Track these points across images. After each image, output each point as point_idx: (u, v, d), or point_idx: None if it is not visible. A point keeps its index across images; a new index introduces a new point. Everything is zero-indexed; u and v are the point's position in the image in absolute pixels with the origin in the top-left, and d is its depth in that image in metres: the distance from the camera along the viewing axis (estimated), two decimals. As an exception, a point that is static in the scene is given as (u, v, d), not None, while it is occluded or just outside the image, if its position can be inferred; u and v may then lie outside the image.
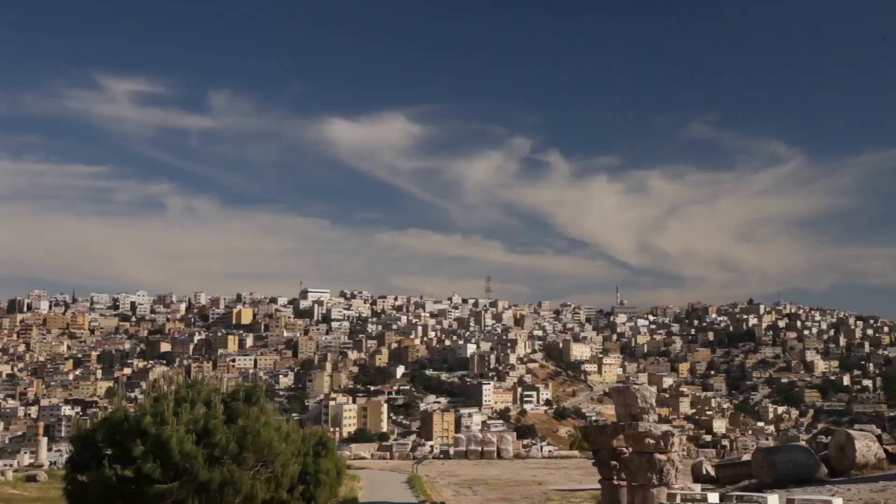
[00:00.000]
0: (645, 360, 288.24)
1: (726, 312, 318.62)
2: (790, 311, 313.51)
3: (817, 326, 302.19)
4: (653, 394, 21.67)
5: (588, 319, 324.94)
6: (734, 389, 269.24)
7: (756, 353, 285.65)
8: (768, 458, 24.10)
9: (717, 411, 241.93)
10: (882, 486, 20.62)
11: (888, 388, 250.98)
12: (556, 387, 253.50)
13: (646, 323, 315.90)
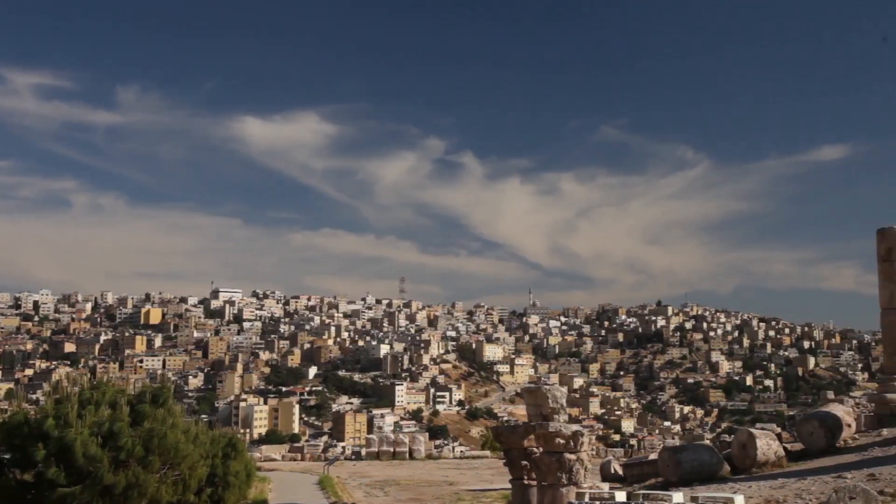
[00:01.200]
0: (556, 360, 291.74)
1: (636, 314, 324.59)
2: (697, 313, 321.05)
3: (722, 328, 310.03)
4: (563, 394, 21.94)
5: (501, 320, 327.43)
6: (642, 389, 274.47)
7: (664, 353, 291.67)
8: (674, 456, 24.60)
9: (626, 411, 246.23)
10: (781, 483, 21.22)
11: (788, 388, 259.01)
12: (469, 387, 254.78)
13: (557, 324, 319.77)
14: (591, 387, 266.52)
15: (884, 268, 30.07)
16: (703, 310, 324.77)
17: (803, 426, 26.88)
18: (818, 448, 25.54)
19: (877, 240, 30.36)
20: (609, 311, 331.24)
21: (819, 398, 43.53)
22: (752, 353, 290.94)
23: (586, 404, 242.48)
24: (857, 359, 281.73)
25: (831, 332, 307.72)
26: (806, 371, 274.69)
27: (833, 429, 25.93)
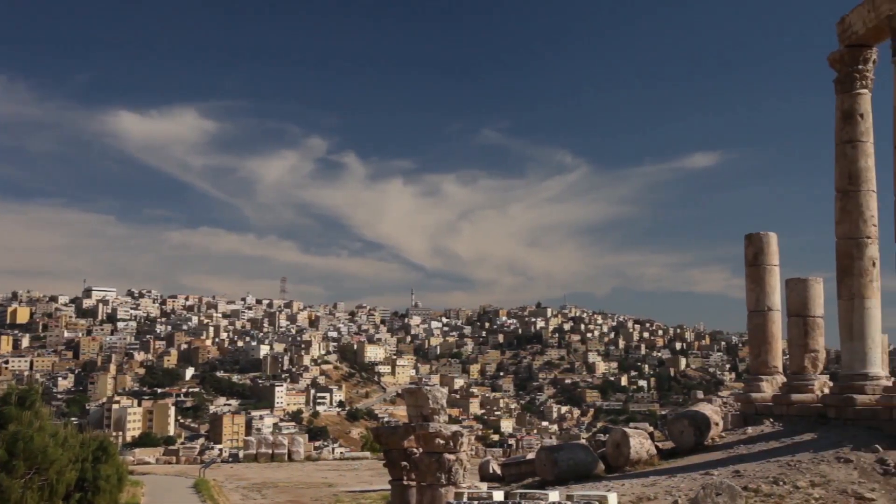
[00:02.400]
0: (438, 361, 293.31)
1: (516, 315, 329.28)
2: (575, 315, 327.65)
3: (599, 329, 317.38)
4: (444, 395, 22.07)
5: (383, 321, 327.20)
6: (522, 390, 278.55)
7: (543, 354, 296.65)
8: (551, 456, 25.02)
9: (506, 411, 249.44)
10: (652, 481, 21.83)
11: (661, 388, 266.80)
12: (350, 388, 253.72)
13: (439, 325, 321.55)
14: (472, 387, 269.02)
15: (751, 272, 31.30)
16: (581, 312, 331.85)
17: (674, 425, 27.71)
18: (688, 446, 26.37)
19: (745, 245, 31.58)
20: (490, 312, 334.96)
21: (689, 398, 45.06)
22: (627, 354, 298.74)
23: (466, 405, 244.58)
24: (725, 359, 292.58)
25: (702, 334, 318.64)
26: (678, 371, 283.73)
27: (702, 427, 26.82)
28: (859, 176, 26.54)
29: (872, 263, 26.28)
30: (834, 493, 19.87)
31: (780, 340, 31.62)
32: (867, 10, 25.50)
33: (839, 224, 26.75)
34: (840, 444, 22.47)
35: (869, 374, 25.80)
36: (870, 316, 26.14)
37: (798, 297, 29.55)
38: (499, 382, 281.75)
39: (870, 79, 27.13)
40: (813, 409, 27.04)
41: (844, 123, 26.98)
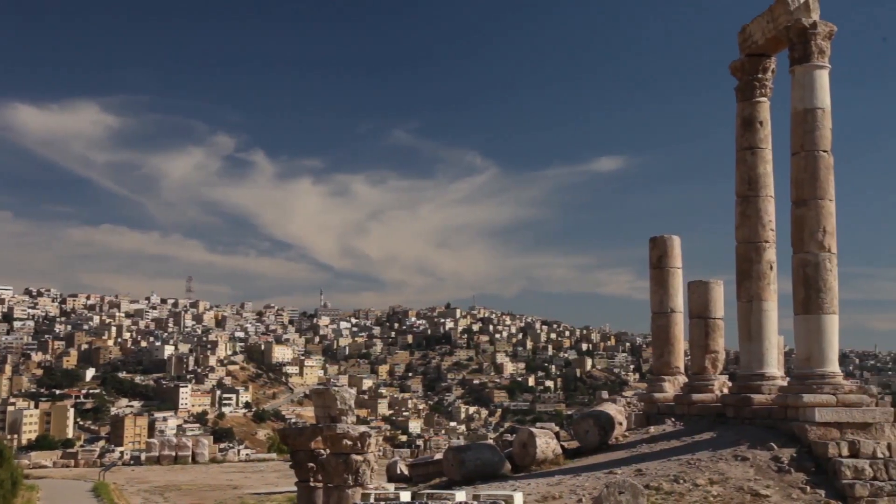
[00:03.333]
0: (346, 362, 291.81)
1: (425, 316, 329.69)
2: (483, 316, 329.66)
3: (507, 330, 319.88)
4: (352, 395, 21.99)
5: (291, 321, 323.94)
6: (430, 391, 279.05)
7: (452, 355, 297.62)
8: (458, 456, 25.13)
9: (414, 412, 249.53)
10: (558, 480, 22.12)
11: (567, 389, 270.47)
12: (257, 389, 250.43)
13: (348, 325, 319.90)
14: (380, 388, 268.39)
15: (655, 274, 31.99)
16: (489, 313, 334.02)
17: (579, 425, 28.14)
18: (593, 445, 26.80)
19: (649, 248, 32.27)
20: (399, 312, 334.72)
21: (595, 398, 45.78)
22: (534, 354, 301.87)
23: (375, 405, 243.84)
24: (629, 360, 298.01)
25: (607, 335, 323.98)
26: (584, 372, 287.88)
27: (606, 427, 27.28)
28: (758, 182, 27.37)
29: (770, 267, 27.13)
30: (731, 491, 20.44)
31: (682, 341, 32.40)
32: (766, 21, 26.31)
33: (739, 228, 27.55)
34: (738, 443, 23.12)
35: (765, 375, 26.63)
36: (767, 318, 26.98)
37: (699, 299, 30.32)
38: (407, 383, 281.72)
39: (769, 87, 28.02)
40: (713, 408, 27.77)
41: (744, 130, 27.80)
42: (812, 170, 24.10)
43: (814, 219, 23.92)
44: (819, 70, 24.52)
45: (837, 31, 24.72)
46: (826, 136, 24.33)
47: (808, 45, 24.43)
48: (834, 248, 24.01)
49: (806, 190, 24.10)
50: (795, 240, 24.31)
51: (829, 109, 24.47)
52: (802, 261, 24.01)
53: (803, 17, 24.70)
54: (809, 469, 21.51)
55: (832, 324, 23.77)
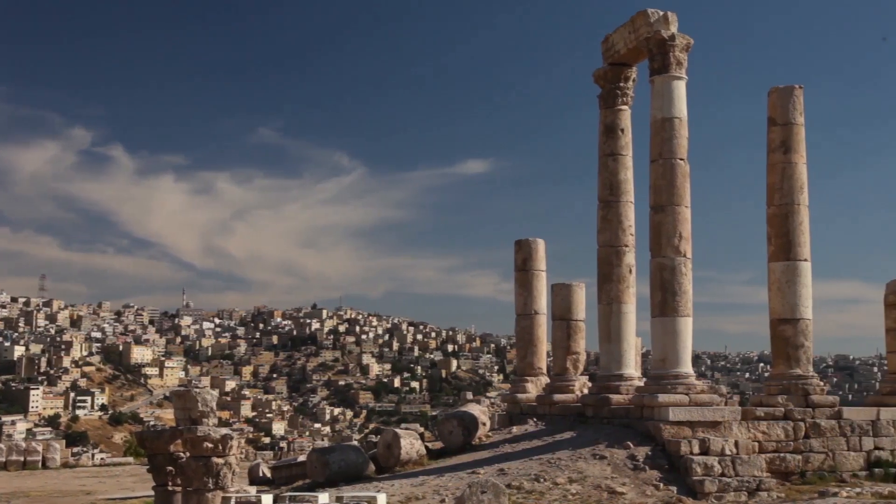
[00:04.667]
0: (209, 363, 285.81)
1: (291, 317, 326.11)
2: (350, 317, 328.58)
3: (374, 331, 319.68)
4: (214, 397, 21.51)
5: (152, 321, 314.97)
6: (295, 392, 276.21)
7: (317, 356, 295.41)
8: (322, 457, 24.95)
9: (278, 413, 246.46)
10: (421, 481, 22.21)
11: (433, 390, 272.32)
12: (114, 391, 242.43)
13: (211, 326, 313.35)
14: (244, 389, 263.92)
15: (520, 276, 32.55)
16: (356, 313, 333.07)
17: (444, 425, 28.33)
18: (457, 446, 27.02)
19: (514, 250, 32.81)
20: (264, 313, 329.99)
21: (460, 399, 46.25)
22: (400, 355, 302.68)
23: (238, 407, 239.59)
24: (494, 361, 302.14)
25: (472, 337, 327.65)
26: (449, 373, 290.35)
27: (470, 427, 27.55)
28: (619, 187, 28.19)
29: (629, 270, 27.98)
30: (589, 489, 20.96)
31: (546, 343, 33.07)
32: (628, 31, 27.13)
33: (601, 232, 28.30)
34: (596, 442, 23.72)
35: (624, 375, 27.43)
36: (626, 320, 27.81)
37: (562, 301, 31.03)
38: (272, 384, 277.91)
39: (630, 96, 28.90)
40: (573, 408, 28.44)
41: (607, 137, 28.58)
42: (670, 177, 24.98)
43: (671, 224, 24.78)
44: (677, 81, 25.44)
45: (694, 44, 25.73)
46: (683, 144, 25.26)
47: (666, 57, 25.31)
48: (689, 253, 24.94)
49: (664, 196, 24.96)
50: (653, 244, 25.14)
51: (686, 119, 25.43)
52: (660, 265, 24.85)
53: (663, 29, 25.57)
54: (663, 466, 22.25)
55: (686, 326, 24.67)
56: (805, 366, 25.68)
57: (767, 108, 26.81)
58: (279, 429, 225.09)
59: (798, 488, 22.61)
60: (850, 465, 24.29)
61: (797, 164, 26.20)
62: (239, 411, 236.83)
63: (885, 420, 25.34)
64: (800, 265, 25.90)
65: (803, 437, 24.32)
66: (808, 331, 25.83)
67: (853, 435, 24.79)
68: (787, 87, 26.47)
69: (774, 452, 23.75)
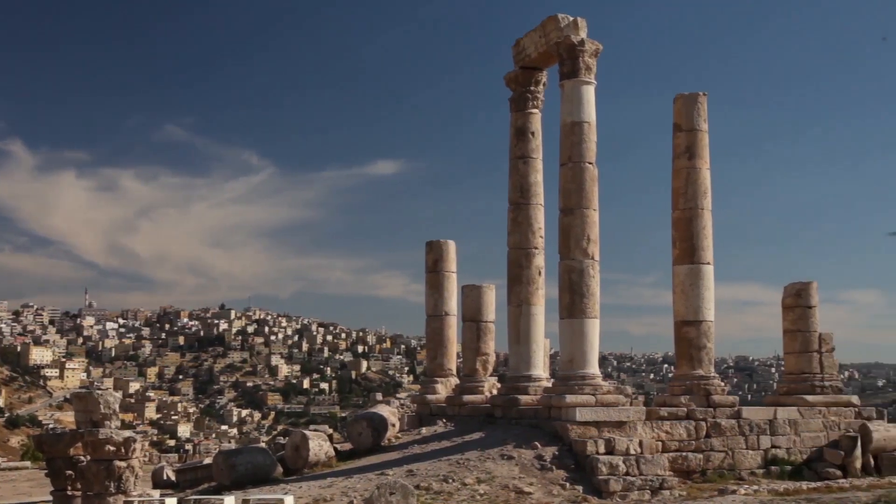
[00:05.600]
0: (112, 364, 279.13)
1: (198, 317, 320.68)
2: (259, 317, 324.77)
3: (283, 332, 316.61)
4: (117, 399, 21.06)
5: (52, 321, 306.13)
6: (201, 393, 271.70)
7: (225, 357, 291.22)
8: (228, 460, 24.60)
9: (184, 415, 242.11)
10: (330, 483, 22.10)
11: (342, 391, 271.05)
12: (11, 393, 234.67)
13: (115, 326, 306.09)
14: (148, 391, 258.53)
15: (430, 278, 32.61)
16: (265, 314, 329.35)
17: (353, 427, 28.23)
18: (366, 447, 26.95)
19: (426, 251, 32.86)
20: (171, 313, 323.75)
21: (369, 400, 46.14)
22: (310, 356, 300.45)
23: (142, 409, 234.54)
24: (404, 362, 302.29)
25: (383, 338, 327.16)
26: (359, 374, 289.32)
27: (379, 428, 27.51)
28: (529, 190, 28.50)
29: (539, 272, 28.30)
30: (497, 489, 21.13)
31: (456, 344, 33.19)
32: (539, 35, 27.44)
33: (511, 235, 28.57)
34: (505, 442, 23.91)
35: (532, 376, 27.73)
36: (535, 322, 28.12)
37: (472, 302, 31.21)
38: (177, 386, 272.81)
39: (540, 99, 29.23)
40: (482, 409, 28.61)
41: (517, 140, 28.86)
42: (579, 180, 25.36)
43: (579, 227, 25.15)
44: (586, 85, 25.84)
45: (604, 50, 26.18)
46: (591, 148, 25.67)
47: (576, 62, 25.68)
48: (597, 256, 25.35)
49: (573, 199, 25.32)
50: (562, 247, 25.48)
51: (595, 123, 25.85)
52: (568, 267, 25.19)
53: (572, 34, 25.93)
54: (570, 466, 22.55)
55: (594, 328, 25.07)
56: (707, 367, 26.36)
57: (673, 114, 27.47)
58: (185, 431, 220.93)
59: (699, 486, 23.18)
60: (749, 463, 25.03)
61: (701, 170, 26.89)
62: (143, 413, 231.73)
63: (781, 419, 26.21)
64: (703, 268, 26.59)
65: (705, 437, 24.94)
66: (710, 332, 26.53)
67: (752, 434, 25.56)
68: (691, 94, 27.16)
69: (677, 451, 24.30)
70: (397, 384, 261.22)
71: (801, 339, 28.67)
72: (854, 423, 27.06)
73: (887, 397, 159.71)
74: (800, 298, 28.81)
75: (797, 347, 28.72)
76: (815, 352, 28.50)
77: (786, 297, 29.20)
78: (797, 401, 27.45)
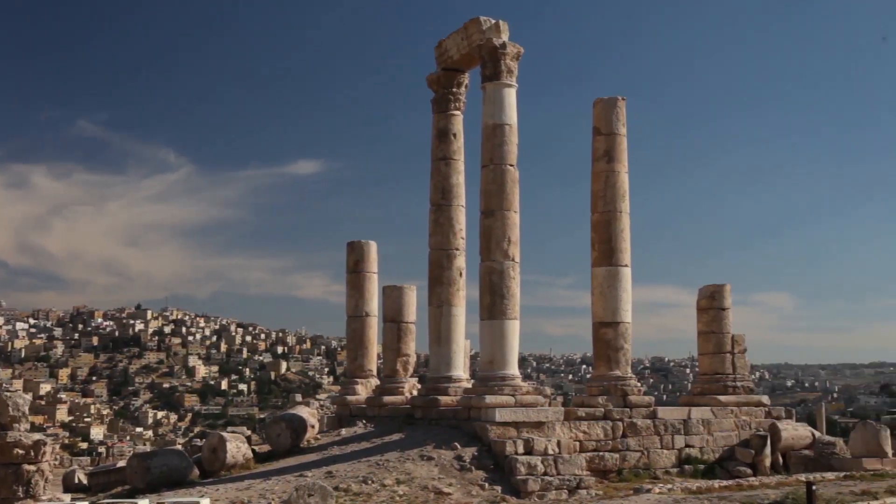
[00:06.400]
0: (22, 365, 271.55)
1: (113, 317, 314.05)
2: (176, 317, 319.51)
3: (201, 332, 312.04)
4: (26, 401, 20.51)
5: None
6: (116, 395, 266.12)
7: (141, 358, 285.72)
8: (143, 463, 24.15)
9: (97, 418, 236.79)
10: (247, 485, 21.87)
11: (261, 392, 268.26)
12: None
13: (25, 326, 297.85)
14: (60, 393, 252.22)
15: (351, 278, 32.50)
16: (183, 314, 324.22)
17: (272, 428, 27.97)
18: (284, 448, 26.73)
19: (347, 252, 32.74)
20: (84, 313, 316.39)
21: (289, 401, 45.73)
22: (228, 357, 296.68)
23: (53, 411, 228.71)
24: (324, 363, 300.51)
25: (303, 339, 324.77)
26: (278, 375, 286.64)
27: (298, 430, 27.31)
28: (451, 191, 28.61)
29: (460, 273, 28.42)
30: (416, 489, 21.15)
31: (376, 345, 33.15)
32: (461, 37, 27.56)
33: (432, 236, 28.64)
34: (424, 443, 23.95)
35: (452, 377, 27.84)
36: (456, 322, 28.24)
37: (393, 303, 31.19)
38: (91, 387, 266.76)
39: (462, 101, 29.38)
40: (402, 410, 28.62)
41: (439, 141, 28.95)
42: (500, 182, 25.54)
43: (500, 229, 25.33)
44: (508, 88, 26.04)
45: (526, 53, 26.44)
46: (512, 150, 25.87)
47: (498, 64, 25.87)
48: (517, 258, 25.57)
49: (493, 201, 25.49)
50: (483, 248, 25.63)
51: (516, 125, 26.07)
52: (489, 268, 25.35)
53: (494, 37, 26.11)
54: (489, 466, 22.69)
55: (513, 329, 25.27)
56: (624, 367, 26.81)
57: (593, 118, 27.86)
58: (98, 434, 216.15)
59: (615, 486, 23.56)
60: (664, 462, 25.56)
61: (619, 173, 27.35)
62: (54, 416, 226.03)
63: (695, 419, 26.82)
64: (621, 270, 27.03)
65: (621, 437, 25.40)
66: (627, 334, 26.98)
67: (667, 434, 26.11)
68: (610, 98, 27.61)
69: (594, 451, 24.68)
70: (317, 385, 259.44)
71: (714, 340, 29.37)
72: (764, 422, 27.87)
73: (796, 397, 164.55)
74: (714, 300, 29.51)
75: (711, 349, 29.42)
76: (728, 353, 29.24)
77: (700, 299, 29.87)
78: (710, 401, 28.12)
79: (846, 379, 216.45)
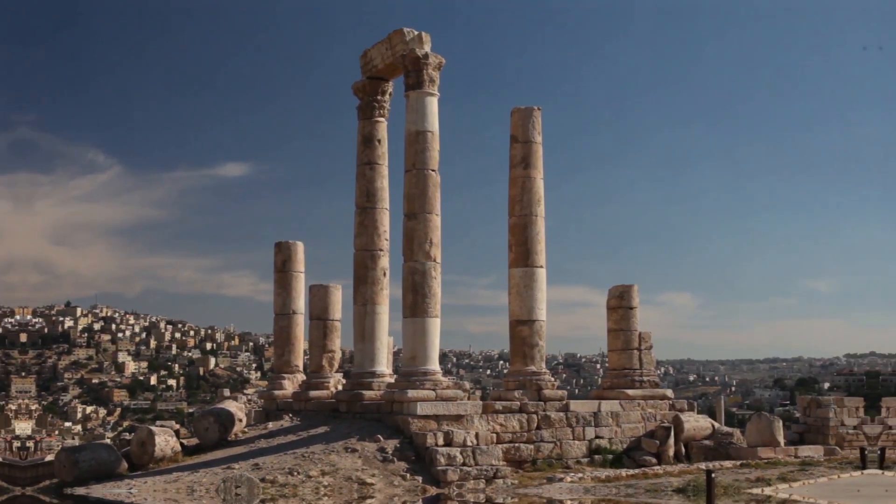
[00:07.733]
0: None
1: (42, 314, 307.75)
2: (106, 315, 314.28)
3: (131, 329, 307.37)
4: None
5: None
6: (45, 391, 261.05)
7: (70, 354, 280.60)
8: (71, 457, 24.61)
9: (24, 413, 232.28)
10: (176, 477, 22.54)
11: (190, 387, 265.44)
12: None
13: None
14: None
15: (279, 277, 33.32)
16: (113, 312, 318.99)
17: (200, 422, 28.64)
18: (212, 442, 27.42)
19: (275, 252, 33.52)
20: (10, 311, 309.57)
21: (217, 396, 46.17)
22: (158, 353, 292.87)
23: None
24: (252, 359, 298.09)
25: (231, 335, 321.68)
26: (207, 371, 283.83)
27: (226, 423, 28.05)
28: (376, 195, 29.65)
29: (384, 273, 29.50)
30: (341, 480, 22.10)
31: (303, 341, 33.99)
32: (385, 47, 28.59)
33: (357, 237, 29.65)
34: (349, 436, 24.91)
35: (376, 373, 28.89)
36: (379, 320, 29.31)
37: (319, 302, 32.12)
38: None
39: (387, 108, 30.41)
40: (328, 404, 29.58)
41: (364, 147, 29.97)
42: (422, 186, 26.63)
43: (422, 231, 26.43)
44: (430, 97, 27.13)
45: (448, 63, 27.58)
46: (434, 156, 26.98)
47: (420, 74, 26.94)
48: (439, 258, 26.66)
49: (416, 204, 26.58)
50: (406, 249, 26.70)
51: (438, 132, 27.17)
52: (411, 269, 26.44)
53: (417, 47, 27.18)
54: (410, 458, 23.67)
55: (435, 326, 26.39)
56: (539, 363, 28.10)
57: (510, 126, 29.09)
58: (25, 428, 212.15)
59: (530, 475, 24.75)
60: (575, 452, 26.93)
61: (535, 179, 28.62)
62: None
63: (605, 412, 28.28)
64: (536, 271, 28.32)
65: (536, 429, 26.65)
66: (542, 331, 28.28)
67: (578, 426, 27.49)
68: (527, 108, 28.85)
69: (510, 443, 25.91)
70: (245, 381, 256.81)
71: (623, 337, 30.82)
72: (668, 414, 29.43)
73: (697, 391, 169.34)
74: (622, 300, 30.97)
75: (620, 345, 30.85)
76: (636, 349, 30.71)
77: (610, 298, 31.29)
78: (619, 395, 29.56)
79: (743, 374, 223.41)
